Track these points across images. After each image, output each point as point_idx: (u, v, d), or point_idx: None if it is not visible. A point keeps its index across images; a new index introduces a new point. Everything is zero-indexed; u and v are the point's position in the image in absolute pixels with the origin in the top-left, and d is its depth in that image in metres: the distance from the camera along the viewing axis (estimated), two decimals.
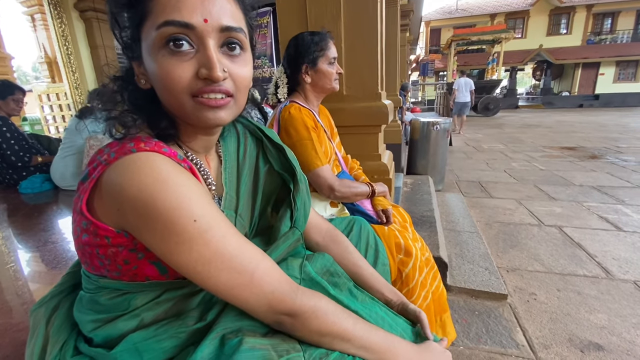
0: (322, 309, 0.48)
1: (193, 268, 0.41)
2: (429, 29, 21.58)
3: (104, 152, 0.44)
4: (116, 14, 0.45)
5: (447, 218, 2.46)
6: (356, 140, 1.68)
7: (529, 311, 1.45)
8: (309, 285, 0.56)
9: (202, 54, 0.43)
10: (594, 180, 3.57)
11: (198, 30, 0.42)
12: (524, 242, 2.14)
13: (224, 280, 0.42)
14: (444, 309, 1.04)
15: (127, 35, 0.46)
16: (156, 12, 0.42)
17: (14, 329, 0.93)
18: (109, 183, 0.41)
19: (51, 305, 0.55)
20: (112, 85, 0.48)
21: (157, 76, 0.44)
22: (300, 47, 1.13)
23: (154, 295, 0.49)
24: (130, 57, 0.47)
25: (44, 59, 5.95)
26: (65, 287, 0.58)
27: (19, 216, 1.99)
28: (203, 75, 0.43)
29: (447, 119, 3.52)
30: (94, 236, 0.43)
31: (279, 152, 0.65)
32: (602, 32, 18.97)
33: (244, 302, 0.44)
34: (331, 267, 0.63)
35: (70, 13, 3.71)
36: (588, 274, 1.74)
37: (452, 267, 1.71)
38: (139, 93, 0.48)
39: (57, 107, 5.24)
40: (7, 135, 2.37)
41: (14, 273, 1.29)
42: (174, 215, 0.39)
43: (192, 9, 0.41)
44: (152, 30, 0.42)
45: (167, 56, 0.42)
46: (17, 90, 2.48)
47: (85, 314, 0.50)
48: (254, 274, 0.44)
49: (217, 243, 0.42)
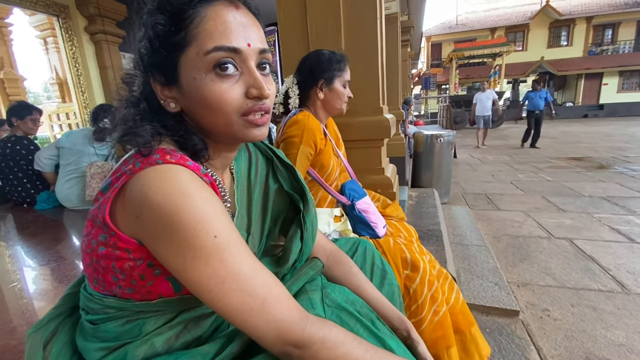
0: (331, 340, 0.46)
1: (206, 286, 0.40)
2: (430, 43, 21.92)
3: (129, 162, 0.44)
4: (152, 42, 0.45)
5: (454, 231, 2.42)
6: (359, 154, 1.67)
7: (542, 328, 1.39)
8: (336, 312, 0.56)
9: (248, 75, 0.47)
10: (603, 190, 3.51)
11: (243, 54, 0.45)
12: (534, 255, 2.09)
13: (235, 303, 0.41)
14: (470, 322, 0.98)
15: (157, 61, 0.46)
16: (202, 39, 0.44)
17: (13, 351, 0.91)
18: (133, 191, 0.41)
19: (49, 328, 0.53)
20: (133, 108, 0.48)
21: (204, 98, 0.45)
22: (321, 62, 1.15)
23: (166, 319, 0.48)
24: (159, 81, 0.47)
25: (55, 80, 6.12)
26: (64, 310, 0.56)
27: (24, 234, 2.00)
28: (253, 94, 0.47)
29: (451, 132, 3.52)
30: (113, 249, 0.43)
31: (289, 172, 0.66)
32: (603, 43, 19.10)
33: (253, 327, 0.43)
34: (350, 296, 0.63)
35: (81, 36, 3.83)
36: (603, 288, 1.68)
37: (461, 282, 1.66)
38: (165, 114, 0.49)
39: (66, 127, 5.35)
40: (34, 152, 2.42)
41: (19, 292, 1.29)
42: (195, 228, 0.39)
43: (237, 35, 0.45)
44: (197, 55, 0.44)
45: (216, 79, 0.45)
46: (35, 111, 2.54)
47: (90, 342, 0.49)
48: (265, 299, 0.43)
49: (232, 263, 0.41)
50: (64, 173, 2.34)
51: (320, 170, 1.16)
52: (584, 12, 18.59)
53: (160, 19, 0.44)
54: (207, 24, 0.43)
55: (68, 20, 3.75)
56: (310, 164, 1.14)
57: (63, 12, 3.70)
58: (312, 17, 1.58)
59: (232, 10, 0.45)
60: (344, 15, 1.57)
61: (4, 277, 1.42)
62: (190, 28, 0.44)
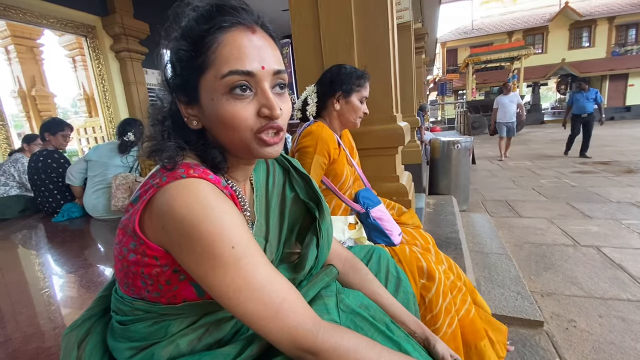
0: (343, 347, 0.47)
1: (225, 293, 0.43)
2: (445, 49, 21.74)
3: (157, 176, 0.47)
4: (175, 66, 0.50)
5: (474, 239, 2.37)
6: (373, 162, 1.68)
7: (568, 340, 1.34)
8: (350, 317, 0.58)
9: (261, 96, 0.49)
10: (632, 196, 3.36)
11: (257, 76, 0.48)
12: (559, 264, 2.02)
13: (252, 310, 0.44)
14: (478, 336, 0.96)
15: (180, 82, 0.50)
16: (219, 63, 0.46)
17: (46, 353, 0.96)
18: (159, 203, 0.44)
19: (83, 329, 0.57)
20: (160, 125, 0.52)
21: (221, 117, 0.48)
22: (342, 74, 1.19)
23: (189, 322, 0.51)
24: (182, 101, 0.51)
25: (82, 95, 6.47)
26: (97, 311, 0.60)
27: (54, 243, 2.10)
28: (265, 114, 0.49)
29: (468, 138, 3.47)
30: (143, 256, 0.46)
31: (305, 181, 0.69)
32: (627, 43, 18.37)
33: (268, 333, 0.45)
34: (364, 300, 0.64)
35: (107, 54, 4.06)
36: (632, 298, 1.60)
37: (481, 291, 1.62)
38: (188, 131, 0.53)
39: (92, 140, 5.61)
40: (66, 166, 2.57)
41: (48, 298, 1.35)
42: (215, 239, 0.42)
43: (252, 59, 0.47)
44: (215, 79, 0.47)
45: (232, 101, 0.48)
46: (66, 127, 2.69)
47: (120, 342, 0.52)
48: (280, 307, 0.45)
49: (248, 272, 0.44)
50: (91, 184, 2.46)
51: (334, 179, 1.18)
52: (605, 12, 18.01)
53: (182, 45, 0.48)
54: (224, 49, 0.46)
55: (95, 40, 3.99)
56: (324, 172, 1.16)
57: (90, 33, 3.93)
58: (325, 31, 1.62)
59: (248, 35, 0.48)
60: (356, 28, 1.60)
61: (36, 284, 1.50)
62: (209, 53, 0.47)
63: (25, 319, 1.19)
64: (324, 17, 1.61)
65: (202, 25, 0.47)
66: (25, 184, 2.86)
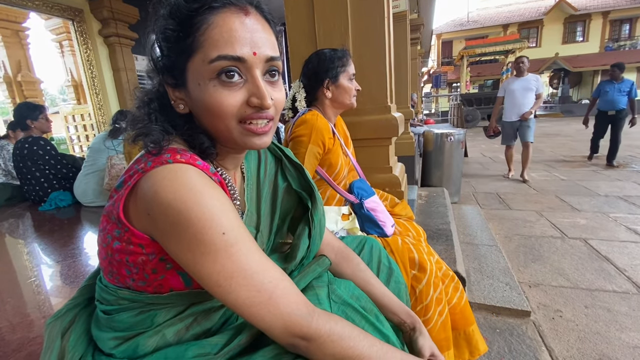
0: (337, 333, 0.47)
1: (215, 281, 0.42)
2: (440, 41, 21.67)
3: (142, 161, 0.45)
4: (162, 46, 0.47)
5: (464, 231, 2.39)
6: (366, 153, 1.67)
7: (554, 329, 1.37)
8: (341, 308, 0.57)
9: (251, 83, 0.46)
10: (619, 190, 3.42)
11: (248, 62, 0.45)
12: (547, 255, 2.05)
13: (243, 297, 0.43)
14: (468, 322, 0.99)
15: (168, 64, 0.48)
16: (208, 46, 0.44)
17: (31, 343, 0.95)
18: (144, 189, 0.42)
19: (67, 318, 0.55)
20: (145, 107, 0.50)
21: (207, 104, 0.46)
22: (323, 62, 1.16)
23: (177, 311, 0.50)
24: (169, 83, 0.49)
25: (70, 82, 6.29)
26: (81, 301, 0.59)
27: (41, 232, 2.07)
28: (254, 103, 0.46)
29: (461, 130, 3.48)
30: (127, 244, 0.44)
31: (298, 171, 0.67)
32: (620, 39, 18.57)
33: (261, 320, 0.44)
34: (355, 291, 0.64)
35: (95, 39, 3.93)
36: (618, 289, 1.64)
37: (471, 282, 1.65)
38: (175, 115, 0.50)
39: (81, 127, 5.48)
40: (53, 153, 2.54)
41: (34, 287, 1.33)
42: (205, 225, 0.40)
43: (243, 44, 0.44)
44: (202, 63, 0.44)
45: (219, 86, 0.45)
46: (42, 108, 2.65)
47: (104, 331, 0.51)
48: (273, 293, 0.44)
49: (240, 258, 0.42)
50: (83, 171, 2.52)
51: (329, 169, 1.17)
52: (600, 6, 18.11)
53: (170, 24, 0.45)
54: (213, 31, 0.44)
55: (83, 24, 3.85)
56: (319, 162, 1.15)
57: (78, 16, 3.80)
58: (320, 17, 1.59)
59: (240, 17, 0.45)
60: (352, 15, 1.57)
61: (23, 273, 1.48)
62: (198, 35, 0.44)
63: (11, 309, 1.17)
64: (319, 3, 1.57)
65: (192, 4, 0.44)
66: (11, 172, 2.79)
